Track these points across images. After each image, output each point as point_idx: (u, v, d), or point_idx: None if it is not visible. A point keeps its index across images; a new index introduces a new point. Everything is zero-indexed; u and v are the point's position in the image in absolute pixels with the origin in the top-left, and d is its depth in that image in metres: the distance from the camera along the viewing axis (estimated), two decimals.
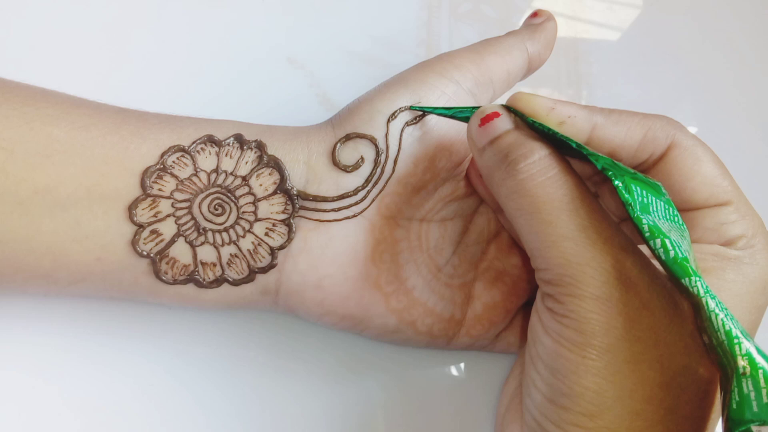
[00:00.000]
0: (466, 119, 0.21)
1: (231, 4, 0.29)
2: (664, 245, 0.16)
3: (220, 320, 0.25)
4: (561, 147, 0.19)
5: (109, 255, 0.20)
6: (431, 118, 0.22)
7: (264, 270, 0.21)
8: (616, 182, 0.17)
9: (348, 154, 0.22)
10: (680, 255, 0.16)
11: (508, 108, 0.20)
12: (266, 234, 0.21)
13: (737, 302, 0.19)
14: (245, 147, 0.21)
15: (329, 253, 0.21)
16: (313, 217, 0.21)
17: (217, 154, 0.21)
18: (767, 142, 0.35)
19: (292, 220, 0.21)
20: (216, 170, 0.21)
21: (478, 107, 0.21)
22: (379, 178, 0.22)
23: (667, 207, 0.18)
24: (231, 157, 0.21)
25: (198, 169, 0.21)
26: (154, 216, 0.20)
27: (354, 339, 0.26)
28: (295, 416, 0.25)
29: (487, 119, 0.20)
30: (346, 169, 0.21)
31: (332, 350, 0.26)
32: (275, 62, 0.29)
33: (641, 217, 0.17)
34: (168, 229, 0.21)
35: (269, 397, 0.25)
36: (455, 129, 0.23)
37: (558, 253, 0.17)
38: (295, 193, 0.21)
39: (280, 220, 0.21)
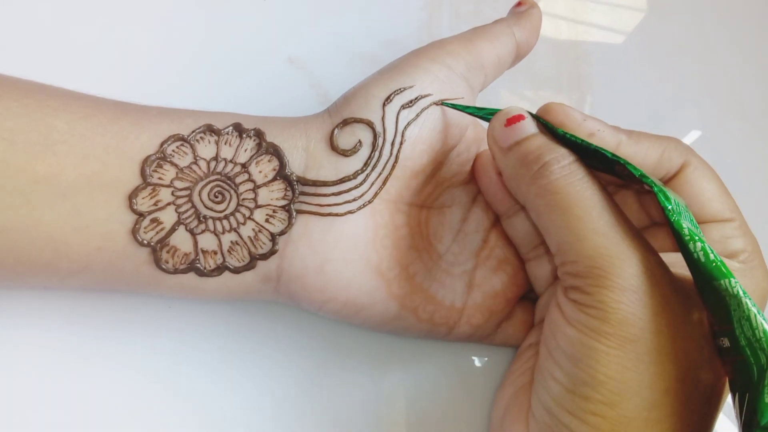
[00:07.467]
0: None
1: (231, 4, 0.30)
2: (704, 249, 0.17)
3: (219, 316, 0.25)
4: (584, 158, 0.20)
5: (109, 244, 0.20)
6: (424, 102, 0.22)
7: (265, 256, 0.21)
8: (656, 188, 0.18)
9: (346, 139, 0.22)
10: (719, 258, 0.17)
11: (530, 113, 0.21)
12: (267, 220, 0.21)
13: None
14: (244, 135, 0.22)
15: (330, 238, 0.21)
16: (312, 211, 0.21)
17: (217, 143, 0.21)
18: None
19: (292, 206, 0.21)
20: (215, 158, 0.21)
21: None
22: (377, 161, 0.22)
23: (689, 217, 0.20)
24: (230, 145, 0.22)
25: (197, 158, 0.21)
26: (155, 204, 0.20)
27: (354, 333, 0.25)
28: (296, 409, 0.24)
29: (512, 120, 0.21)
30: (345, 153, 0.22)
31: (331, 342, 0.25)
32: (276, 62, 0.29)
33: (681, 221, 0.18)
34: (168, 217, 0.21)
35: (271, 390, 0.24)
36: (449, 112, 0.23)
37: (589, 246, 0.18)
38: (294, 179, 0.21)
39: (280, 207, 0.21)
